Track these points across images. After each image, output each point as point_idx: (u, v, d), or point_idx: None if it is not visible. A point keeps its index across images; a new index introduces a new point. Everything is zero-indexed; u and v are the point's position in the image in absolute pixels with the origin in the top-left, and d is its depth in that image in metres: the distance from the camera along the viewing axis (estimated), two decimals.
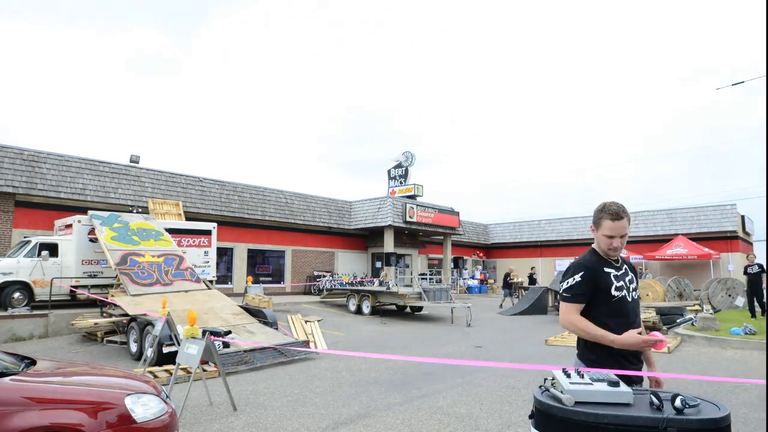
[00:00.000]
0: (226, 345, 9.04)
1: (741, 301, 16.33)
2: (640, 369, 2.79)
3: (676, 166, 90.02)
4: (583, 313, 2.72)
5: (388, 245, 25.27)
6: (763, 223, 34.60)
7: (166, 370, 7.84)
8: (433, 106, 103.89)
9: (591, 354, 2.75)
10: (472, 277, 32.85)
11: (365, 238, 28.28)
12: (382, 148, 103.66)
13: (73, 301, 13.35)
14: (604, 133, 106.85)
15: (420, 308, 18.07)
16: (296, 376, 7.94)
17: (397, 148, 79.64)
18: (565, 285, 2.77)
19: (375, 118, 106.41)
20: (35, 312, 12.12)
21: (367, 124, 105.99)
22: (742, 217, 28.53)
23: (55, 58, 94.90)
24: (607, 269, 2.72)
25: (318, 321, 12.74)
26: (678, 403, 2.49)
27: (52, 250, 13.10)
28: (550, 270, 33.52)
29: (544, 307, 18.98)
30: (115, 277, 12.43)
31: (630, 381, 2.77)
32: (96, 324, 10.87)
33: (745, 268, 14.34)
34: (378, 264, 27.21)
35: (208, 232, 16.55)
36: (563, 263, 32.87)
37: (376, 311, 17.61)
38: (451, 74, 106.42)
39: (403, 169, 29.14)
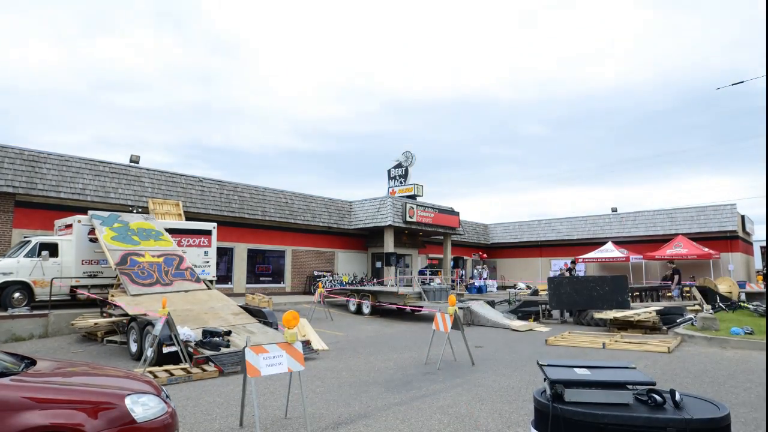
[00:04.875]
0: (226, 345, 9.05)
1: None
2: None
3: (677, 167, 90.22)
4: None
5: (388, 245, 25.26)
6: (763, 223, 34.62)
7: (166, 370, 7.83)
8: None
9: None
10: (471, 277, 32.87)
11: (365, 238, 28.27)
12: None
13: (73, 301, 13.34)
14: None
15: (420, 308, 18.07)
16: (296, 376, 7.92)
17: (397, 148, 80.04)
18: None
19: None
20: (35, 312, 12.12)
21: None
22: (742, 217, 28.53)
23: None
24: None
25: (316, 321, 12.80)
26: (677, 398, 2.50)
27: (52, 250, 13.09)
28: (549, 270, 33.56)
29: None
30: (115, 277, 12.43)
31: None
32: (96, 324, 10.87)
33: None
34: (378, 264, 27.20)
35: (208, 232, 16.54)
36: (558, 263, 32.92)
37: (376, 311, 17.61)
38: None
39: (403, 169, 29.13)
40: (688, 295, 18.99)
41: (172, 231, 14.77)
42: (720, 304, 16.33)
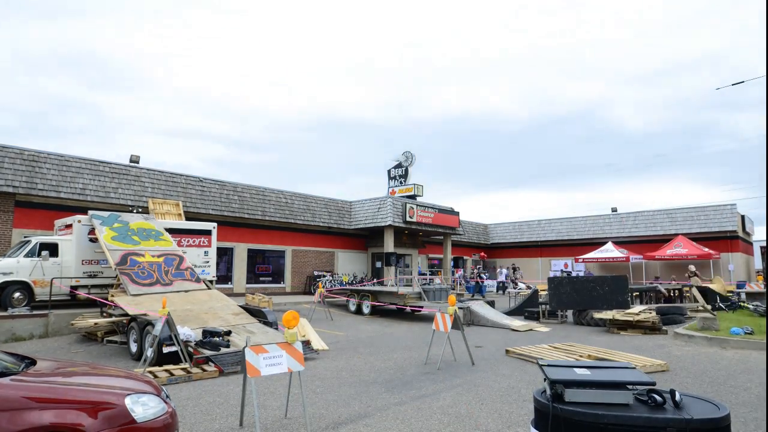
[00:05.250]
0: (226, 345, 9.05)
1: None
2: None
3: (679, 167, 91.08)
4: None
5: (388, 245, 25.27)
6: (763, 223, 34.60)
7: (166, 370, 7.83)
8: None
9: None
10: (471, 276, 32.78)
11: (365, 238, 28.28)
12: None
13: (73, 301, 13.35)
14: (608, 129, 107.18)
15: (420, 308, 18.07)
16: (296, 376, 7.92)
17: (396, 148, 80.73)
18: None
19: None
20: (35, 312, 12.12)
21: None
22: (742, 217, 28.54)
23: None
24: None
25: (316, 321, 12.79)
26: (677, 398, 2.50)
27: (52, 250, 13.09)
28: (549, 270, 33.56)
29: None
30: (115, 277, 12.43)
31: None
32: (96, 324, 10.87)
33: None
34: (378, 264, 27.20)
35: (208, 232, 16.54)
36: (559, 263, 32.91)
37: (376, 311, 17.61)
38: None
39: (403, 169, 29.14)
40: (688, 295, 18.98)
41: (172, 231, 14.77)
42: (720, 304, 16.34)
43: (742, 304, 16.35)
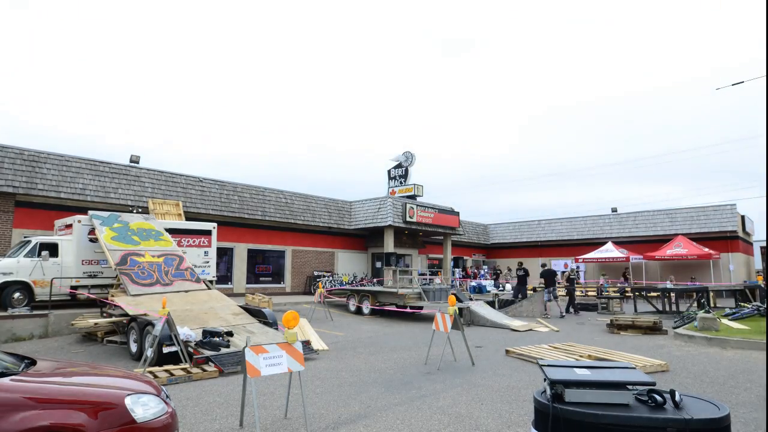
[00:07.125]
0: (226, 345, 9.06)
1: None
2: None
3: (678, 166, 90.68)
4: None
5: (388, 245, 25.26)
6: (763, 223, 34.63)
7: (166, 370, 7.83)
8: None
9: None
10: (476, 277, 32.76)
11: (365, 238, 28.27)
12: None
13: (73, 301, 13.35)
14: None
15: (420, 308, 18.06)
16: (296, 376, 7.92)
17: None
18: None
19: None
20: (35, 312, 12.12)
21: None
22: (742, 217, 28.54)
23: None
24: None
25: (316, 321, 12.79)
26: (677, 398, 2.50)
27: (52, 250, 13.09)
28: None
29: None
30: (115, 277, 12.43)
31: None
32: (96, 324, 10.87)
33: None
34: (378, 264, 27.19)
35: (208, 232, 16.54)
36: (559, 263, 32.92)
37: (376, 311, 17.60)
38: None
39: (403, 169, 29.13)
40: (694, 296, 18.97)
41: (172, 231, 14.77)
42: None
43: (741, 304, 16.35)
